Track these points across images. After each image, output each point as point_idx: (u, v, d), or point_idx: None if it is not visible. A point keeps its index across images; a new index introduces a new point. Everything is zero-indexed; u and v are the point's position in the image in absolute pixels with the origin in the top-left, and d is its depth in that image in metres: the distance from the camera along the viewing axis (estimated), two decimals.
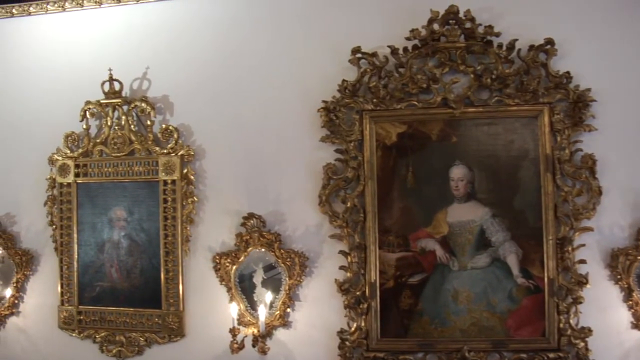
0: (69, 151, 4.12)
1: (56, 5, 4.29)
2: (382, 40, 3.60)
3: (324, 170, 3.65)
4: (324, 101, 3.64)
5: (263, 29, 3.91)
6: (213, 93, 3.97)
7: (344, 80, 3.62)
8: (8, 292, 4.27)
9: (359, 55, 3.60)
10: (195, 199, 3.92)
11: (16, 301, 4.30)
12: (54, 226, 4.19)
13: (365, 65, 3.60)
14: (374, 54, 3.58)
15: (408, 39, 3.51)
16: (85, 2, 4.23)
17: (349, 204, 3.61)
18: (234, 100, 3.93)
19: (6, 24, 4.42)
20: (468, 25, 3.44)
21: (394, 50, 3.54)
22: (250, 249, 3.76)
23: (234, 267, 3.80)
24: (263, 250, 3.74)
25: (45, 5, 4.31)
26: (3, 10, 4.39)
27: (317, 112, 3.66)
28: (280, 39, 3.88)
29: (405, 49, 3.55)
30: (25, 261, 4.26)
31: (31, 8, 4.34)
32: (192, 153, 3.92)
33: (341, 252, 3.64)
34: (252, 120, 3.89)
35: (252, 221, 3.75)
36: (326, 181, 3.65)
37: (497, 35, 3.44)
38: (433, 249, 3.57)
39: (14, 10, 4.38)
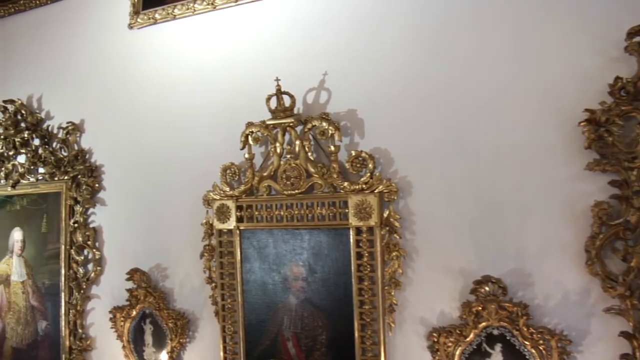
0: (228, 188, 3.25)
1: (205, 2, 3.50)
2: None
3: (592, 212, 2.48)
4: (587, 110, 2.46)
5: (484, 11, 2.77)
6: (418, 104, 2.89)
7: (617, 78, 2.41)
8: (164, 356, 3.52)
9: (638, 38, 2.39)
10: (402, 252, 2.87)
11: None
12: (213, 284, 3.35)
13: None
14: None
15: None
16: None
17: (633, 263, 2.43)
18: (447, 113, 2.82)
19: (148, 33, 3.72)
20: None
21: None
22: (482, 324, 2.65)
23: (459, 349, 2.72)
24: (502, 326, 2.62)
25: (192, 5, 3.54)
26: (145, 17, 3.69)
27: (578, 127, 2.49)
28: (511, 24, 2.71)
29: None
30: (181, 326, 3.47)
31: (176, 10, 3.59)
32: (395, 189, 2.86)
33: (622, 333, 2.44)
34: (477, 140, 2.76)
35: (487, 287, 2.63)
36: (596, 228, 2.48)
37: None
38: None
39: (157, 16, 3.67)
